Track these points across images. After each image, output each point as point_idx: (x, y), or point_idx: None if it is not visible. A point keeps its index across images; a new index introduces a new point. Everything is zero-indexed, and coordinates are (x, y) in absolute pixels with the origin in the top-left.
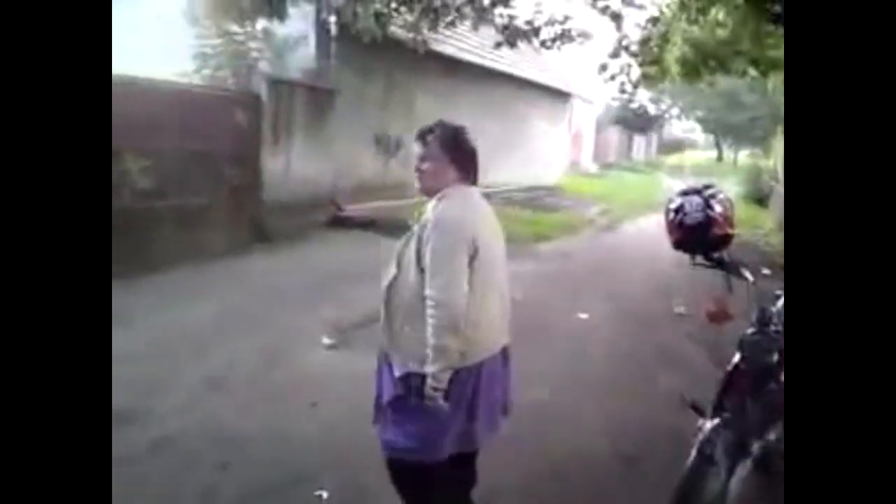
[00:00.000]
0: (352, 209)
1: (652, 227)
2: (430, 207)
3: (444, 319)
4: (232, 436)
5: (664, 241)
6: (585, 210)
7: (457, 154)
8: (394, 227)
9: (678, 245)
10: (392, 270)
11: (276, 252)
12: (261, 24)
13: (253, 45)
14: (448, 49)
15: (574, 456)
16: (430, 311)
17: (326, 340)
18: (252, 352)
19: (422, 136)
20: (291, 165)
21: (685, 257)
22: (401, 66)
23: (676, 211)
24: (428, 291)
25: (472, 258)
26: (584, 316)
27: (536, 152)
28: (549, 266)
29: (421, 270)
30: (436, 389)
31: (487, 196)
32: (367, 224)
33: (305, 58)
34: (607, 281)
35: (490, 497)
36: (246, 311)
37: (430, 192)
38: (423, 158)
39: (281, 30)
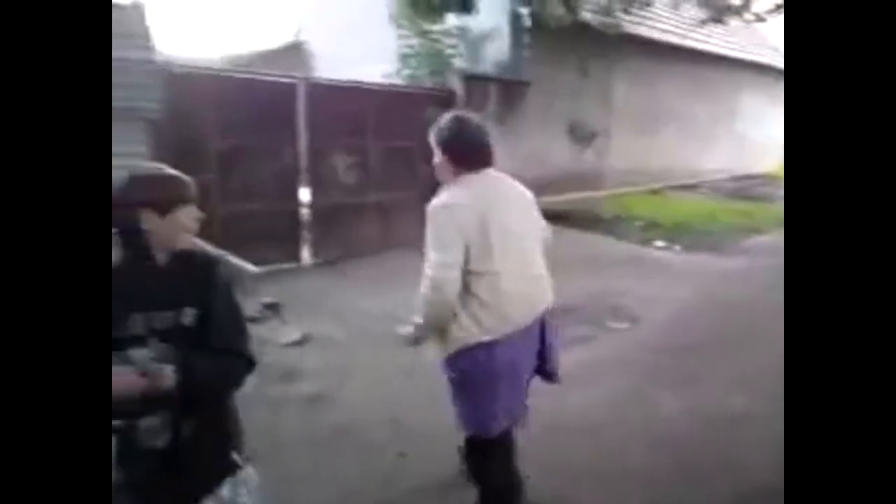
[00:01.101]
0: (542, 201)
1: None
2: None
3: (425, 286)
4: (413, 426)
5: None
6: None
7: (452, 147)
8: (586, 220)
9: None
10: None
11: None
12: (456, 20)
13: (448, 41)
14: (645, 31)
15: (778, 476)
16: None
17: None
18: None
19: (431, 134)
20: None
21: None
22: (595, 52)
23: None
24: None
25: (475, 242)
26: None
27: (749, 138)
28: (761, 263)
29: None
30: (413, 338)
31: (692, 186)
32: (559, 217)
33: (500, 51)
34: None
35: None
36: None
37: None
38: (433, 154)
39: (476, 25)
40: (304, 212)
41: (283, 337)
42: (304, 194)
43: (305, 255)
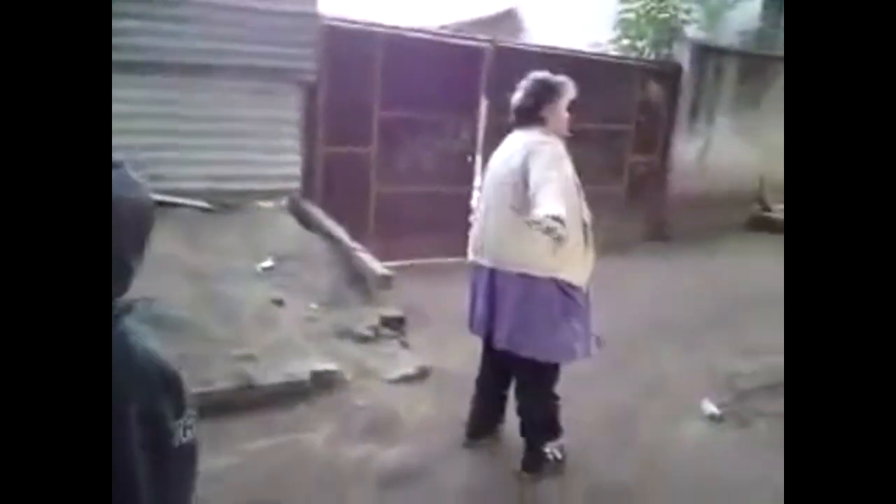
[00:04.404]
0: (782, 209)
1: None
2: None
3: None
4: None
5: None
6: None
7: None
8: None
9: None
10: None
11: (672, 253)
12: None
13: (682, 5)
14: None
15: None
16: None
17: (709, 408)
18: (601, 401)
19: None
20: (710, 151)
21: None
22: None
23: None
24: None
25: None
26: None
27: None
28: None
29: None
30: None
31: None
32: None
33: (749, 18)
34: None
35: None
36: (612, 332)
37: None
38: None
39: None
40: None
41: (393, 368)
42: (478, 178)
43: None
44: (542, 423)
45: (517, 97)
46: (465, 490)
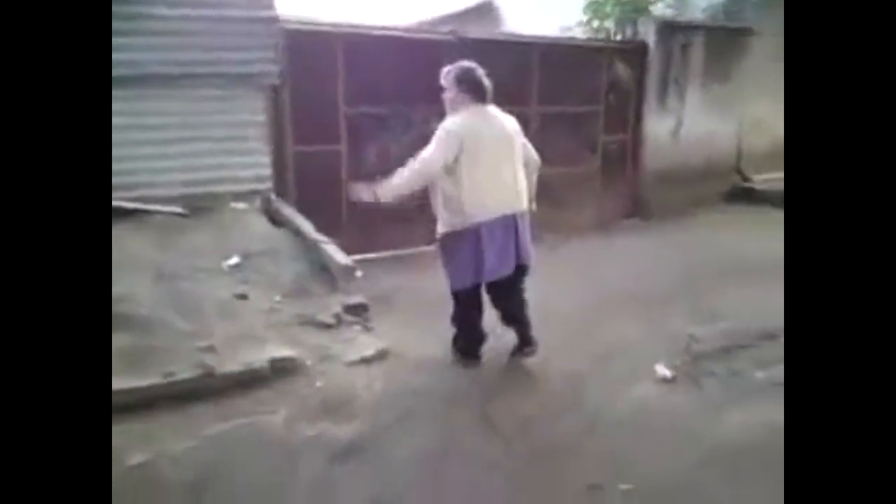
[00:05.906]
0: (762, 179)
1: None
2: None
3: (417, 162)
4: None
5: None
6: None
7: (468, 85)
8: None
9: None
10: None
11: (650, 229)
12: None
13: None
14: None
15: None
16: None
17: (661, 371)
18: (558, 367)
19: (445, 75)
20: (683, 126)
21: None
22: None
23: None
24: None
25: (460, 153)
26: None
27: None
28: None
29: None
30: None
31: None
32: (781, 199)
33: None
34: None
35: None
36: (579, 305)
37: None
38: (446, 90)
39: None
40: None
41: (353, 352)
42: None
43: None
44: (527, 314)
45: (486, 80)
46: (413, 459)
